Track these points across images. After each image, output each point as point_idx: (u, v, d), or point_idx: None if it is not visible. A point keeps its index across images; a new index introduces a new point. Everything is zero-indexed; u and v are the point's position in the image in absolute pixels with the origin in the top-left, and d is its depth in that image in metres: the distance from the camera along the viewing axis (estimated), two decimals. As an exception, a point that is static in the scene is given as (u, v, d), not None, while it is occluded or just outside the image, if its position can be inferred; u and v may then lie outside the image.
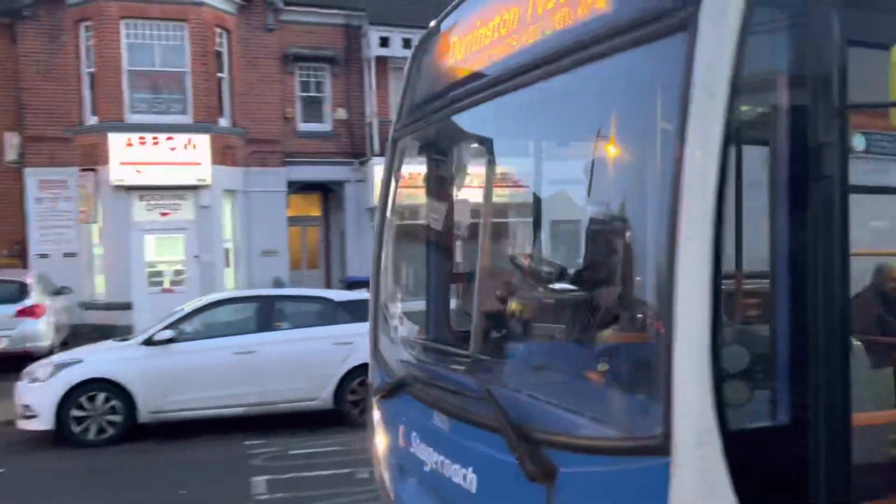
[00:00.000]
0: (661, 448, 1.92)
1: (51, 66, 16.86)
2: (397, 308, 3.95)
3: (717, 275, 1.93)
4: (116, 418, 9.10)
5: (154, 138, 16.37)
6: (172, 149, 16.58)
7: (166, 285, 16.84)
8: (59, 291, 15.10)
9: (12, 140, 16.93)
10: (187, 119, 16.93)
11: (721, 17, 1.95)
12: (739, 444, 1.94)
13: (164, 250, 16.95)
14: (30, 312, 13.46)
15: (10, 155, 16.97)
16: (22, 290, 13.70)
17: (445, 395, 3.02)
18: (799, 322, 2.06)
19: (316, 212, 20.66)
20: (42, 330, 13.52)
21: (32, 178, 17.01)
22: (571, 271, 3.26)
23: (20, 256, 17.09)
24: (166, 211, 16.92)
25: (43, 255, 16.95)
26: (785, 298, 2.08)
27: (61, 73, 16.85)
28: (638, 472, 2.04)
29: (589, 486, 2.23)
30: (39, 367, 9.49)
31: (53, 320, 14.04)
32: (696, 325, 1.91)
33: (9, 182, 17.19)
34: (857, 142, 2.11)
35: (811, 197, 2.03)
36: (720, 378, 1.92)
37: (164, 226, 16.87)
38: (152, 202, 16.77)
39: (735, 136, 2.01)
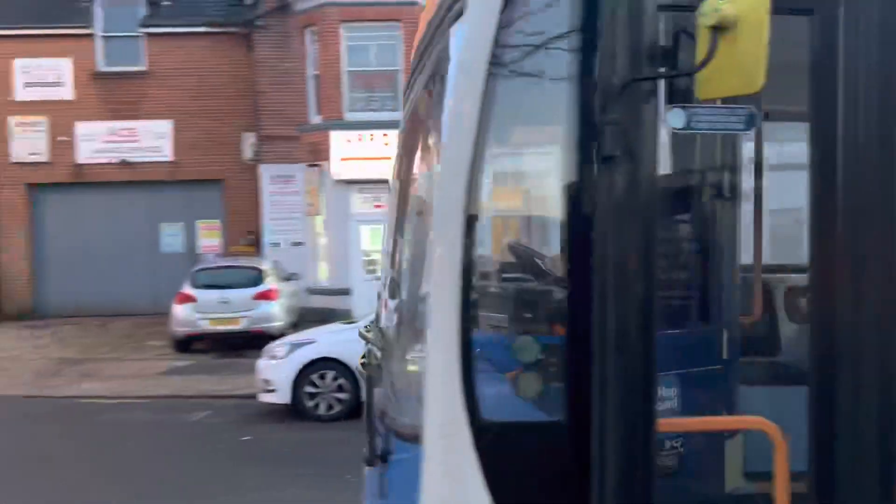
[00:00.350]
0: (419, 437, 1.89)
1: (281, 70, 18.35)
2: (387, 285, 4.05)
3: (468, 263, 1.83)
4: (343, 396, 9.80)
5: (371, 135, 17.35)
6: (386, 145, 17.49)
7: (380, 273, 17.82)
8: (289, 277, 16.49)
9: (249, 139, 18.75)
10: (399, 116, 17.72)
11: None
12: (497, 438, 1.83)
13: (378, 240, 17.91)
14: (265, 296, 14.88)
15: (248, 153, 18.82)
16: (258, 276, 15.18)
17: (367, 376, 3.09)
18: (577, 316, 1.86)
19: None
20: (276, 312, 14.88)
21: (266, 173, 18.68)
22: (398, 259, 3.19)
23: (255, 245, 18.92)
24: (380, 203, 17.91)
25: (274, 244, 18.61)
26: (558, 290, 1.93)
27: (290, 77, 18.26)
28: (414, 461, 1.99)
29: (397, 471, 2.25)
30: (278, 346, 10.46)
31: (286, 303, 15.40)
32: (443, 313, 1.83)
33: (247, 178, 19.07)
34: (673, 117, 1.82)
35: (595, 179, 1.81)
36: (471, 368, 1.82)
37: (379, 217, 17.82)
38: (368, 195, 17.80)
39: (498, 118, 1.86)
